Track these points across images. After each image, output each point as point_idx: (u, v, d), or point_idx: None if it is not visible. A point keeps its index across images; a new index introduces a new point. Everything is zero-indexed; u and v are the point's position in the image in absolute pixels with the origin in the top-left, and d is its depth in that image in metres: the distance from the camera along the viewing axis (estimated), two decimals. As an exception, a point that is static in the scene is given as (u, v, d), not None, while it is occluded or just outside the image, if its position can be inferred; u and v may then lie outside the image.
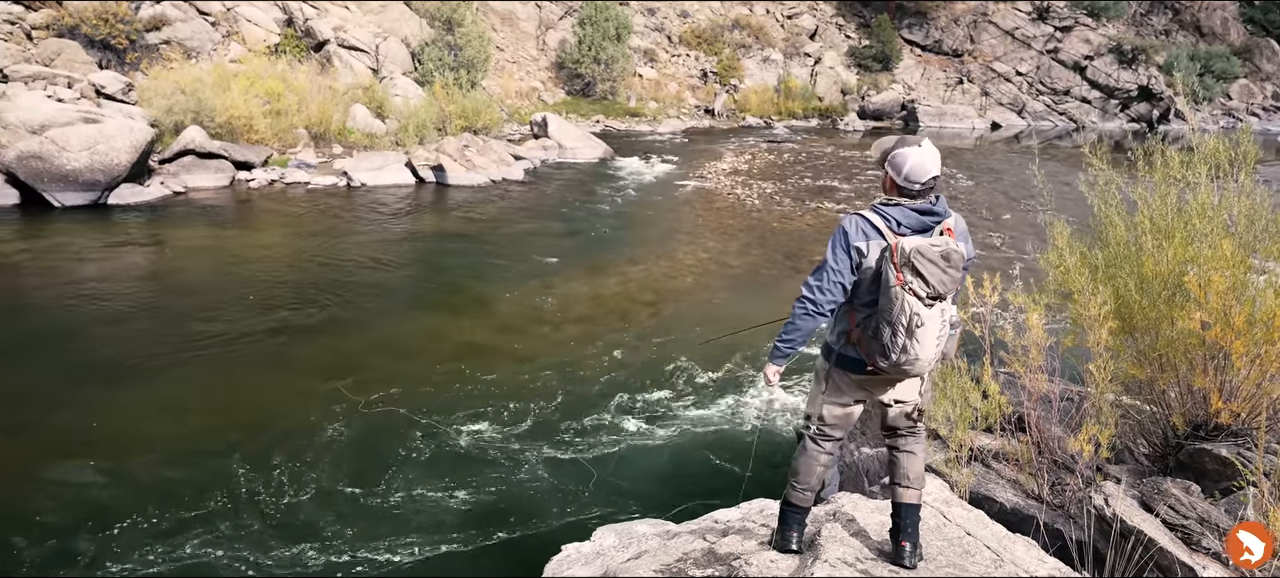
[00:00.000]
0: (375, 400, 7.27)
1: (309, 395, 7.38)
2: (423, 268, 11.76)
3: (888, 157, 3.06)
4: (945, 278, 2.87)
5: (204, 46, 20.75)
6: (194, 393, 7.37)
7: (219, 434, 6.60)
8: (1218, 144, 4.61)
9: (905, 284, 2.86)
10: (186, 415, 6.95)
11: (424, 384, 7.67)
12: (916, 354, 2.91)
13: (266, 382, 7.73)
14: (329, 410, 7.02)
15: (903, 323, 2.87)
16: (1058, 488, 4.24)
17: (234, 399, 7.32)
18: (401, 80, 22.19)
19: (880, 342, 2.96)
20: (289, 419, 6.87)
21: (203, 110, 16.34)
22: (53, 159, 13.06)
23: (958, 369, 4.52)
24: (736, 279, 11.77)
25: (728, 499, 4.94)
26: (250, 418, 6.95)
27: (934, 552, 3.32)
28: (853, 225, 3.03)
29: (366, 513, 5.66)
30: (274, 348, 8.46)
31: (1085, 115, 36.58)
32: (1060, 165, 21.20)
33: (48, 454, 6.25)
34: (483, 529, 5.56)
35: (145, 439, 6.55)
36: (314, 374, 7.88)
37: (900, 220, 2.98)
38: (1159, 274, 4.45)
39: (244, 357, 8.21)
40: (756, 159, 23.03)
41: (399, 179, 17.13)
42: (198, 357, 8.12)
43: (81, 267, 10.79)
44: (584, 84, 29.22)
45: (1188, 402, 4.38)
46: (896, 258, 2.88)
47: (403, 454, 6.41)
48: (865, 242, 2.99)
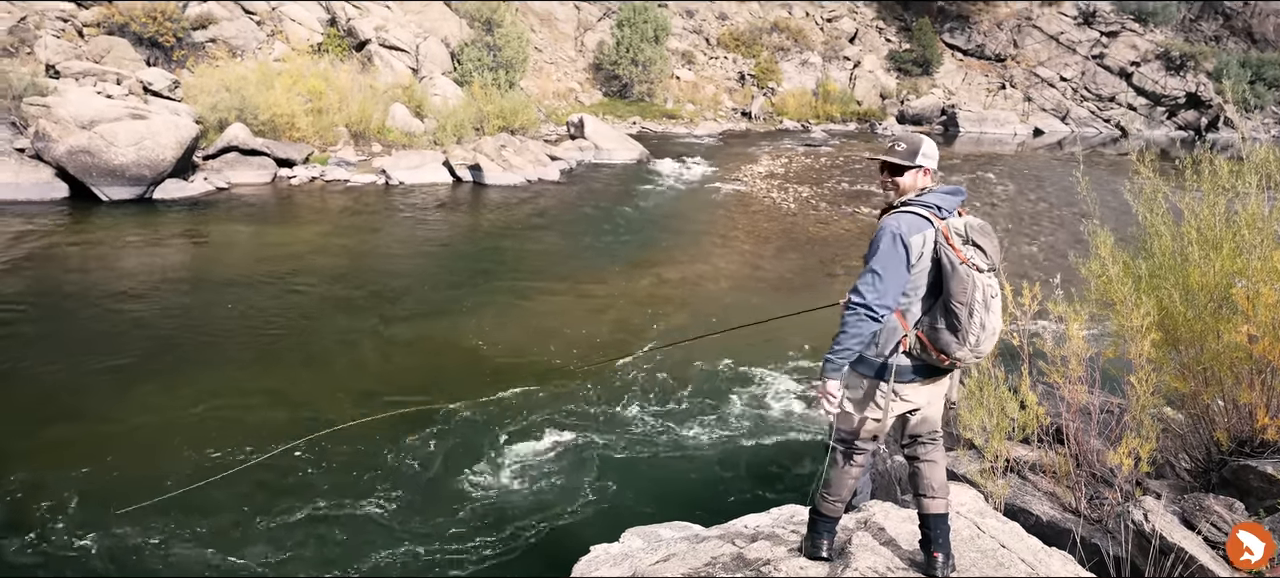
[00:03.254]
0: (409, 400, 7.35)
1: (344, 391, 7.48)
2: (458, 266, 11.85)
3: (918, 152, 3.12)
4: (995, 246, 2.96)
5: (249, 45, 21.14)
6: (231, 386, 7.50)
7: (252, 428, 6.71)
8: (1269, 153, 4.49)
9: (969, 262, 2.89)
10: (222, 408, 7.07)
11: (456, 383, 7.73)
12: (993, 327, 2.93)
13: (301, 378, 7.84)
14: (363, 407, 7.10)
15: (979, 300, 2.89)
16: (1096, 502, 4.15)
17: (269, 394, 7.44)
18: (440, 80, 22.42)
19: (953, 329, 2.94)
20: (324, 415, 6.96)
21: (246, 108, 16.65)
22: (101, 154, 13.39)
23: (995, 379, 4.44)
24: (772, 283, 11.71)
25: (757, 505, 4.90)
26: (284, 414, 7.06)
27: (967, 564, 3.27)
28: (901, 222, 3.00)
29: (396, 511, 5.72)
30: (311, 344, 8.59)
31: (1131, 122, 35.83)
32: (1104, 173, 20.79)
33: (83, 442, 6.40)
34: (512, 529, 5.59)
35: (180, 431, 6.66)
36: (349, 370, 7.98)
37: (940, 205, 3.02)
38: (1205, 286, 4.34)
39: (281, 352, 8.35)
40: (793, 163, 22.90)
41: (436, 178, 17.30)
42: (237, 350, 8.28)
43: (126, 259, 11.05)
44: (621, 85, 29.28)
45: (1232, 417, 4.27)
46: (953, 239, 2.91)
47: (434, 453, 6.47)
48: (918, 235, 2.98)
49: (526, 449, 6.60)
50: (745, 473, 6.47)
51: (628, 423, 7.14)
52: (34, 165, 13.43)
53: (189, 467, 6.07)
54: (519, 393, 7.56)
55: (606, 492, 6.09)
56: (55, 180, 13.44)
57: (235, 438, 6.51)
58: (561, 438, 6.81)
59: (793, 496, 5.08)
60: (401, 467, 6.23)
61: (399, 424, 6.85)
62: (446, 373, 7.98)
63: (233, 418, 6.89)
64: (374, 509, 5.69)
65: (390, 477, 6.09)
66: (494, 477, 6.19)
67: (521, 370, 8.03)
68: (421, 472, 6.17)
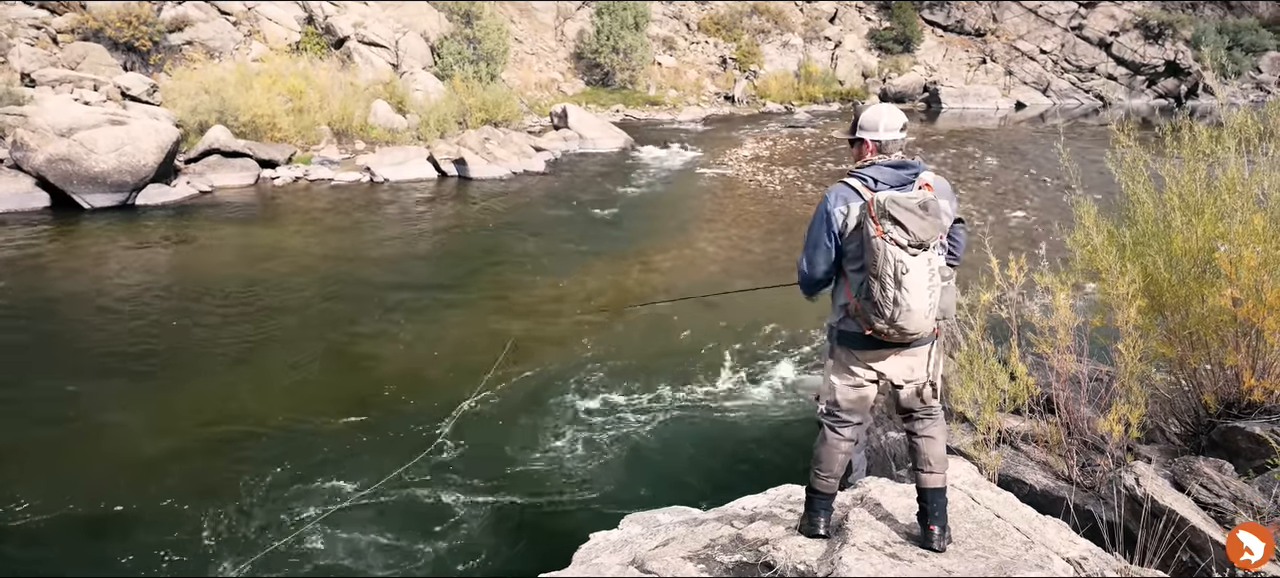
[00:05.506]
0: (404, 397, 7.35)
1: (336, 391, 7.48)
2: (446, 261, 11.83)
3: (858, 124, 3.21)
4: (925, 225, 2.91)
5: (226, 46, 20.95)
6: (216, 393, 7.46)
7: (240, 432, 6.69)
8: (1247, 117, 4.54)
9: (886, 235, 2.91)
10: (207, 415, 7.02)
11: (448, 377, 7.73)
12: (908, 304, 2.92)
13: (291, 380, 7.80)
14: (355, 405, 7.10)
15: (889, 274, 2.92)
16: (1087, 469, 4.20)
17: (258, 398, 7.39)
18: (421, 75, 22.30)
19: (872, 300, 2.99)
20: (315, 416, 6.94)
21: (226, 110, 16.52)
22: (81, 161, 13.26)
23: (984, 351, 4.49)
24: (760, 266, 11.74)
25: (753, 486, 4.94)
26: (274, 417, 6.99)
27: (963, 534, 3.31)
28: (833, 193, 3.14)
29: (395, 506, 5.73)
30: (301, 346, 8.56)
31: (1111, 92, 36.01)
32: (1086, 143, 20.90)
33: (64, 450, 6.38)
34: (512, 519, 5.62)
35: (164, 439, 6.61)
36: (341, 370, 7.97)
37: (877, 177, 3.07)
38: (1188, 251, 4.39)
39: (270, 356, 8.30)
40: (777, 145, 22.92)
41: (421, 173, 17.23)
42: (222, 356, 8.22)
43: (109, 267, 10.97)
44: (603, 74, 29.19)
45: (1219, 380, 4.33)
46: (873, 211, 2.95)
47: (430, 447, 6.47)
48: (845, 205, 3.08)
49: (521, 440, 6.62)
50: (741, 455, 6.51)
51: (621, 411, 7.16)
52: (13, 175, 13.30)
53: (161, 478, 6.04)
54: (511, 385, 7.56)
55: (604, 480, 6.11)
56: (35, 190, 13.30)
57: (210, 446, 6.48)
58: (557, 428, 6.83)
59: (789, 476, 5.11)
60: (392, 463, 6.22)
61: (389, 421, 6.85)
62: (435, 369, 7.97)
63: (212, 426, 6.85)
64: (367, 505, 5.70)
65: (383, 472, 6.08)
66: (491, 469, 6.21)
67: (513, 363, 8.04)
68: (413, 466, 6.17)
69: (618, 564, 3.60)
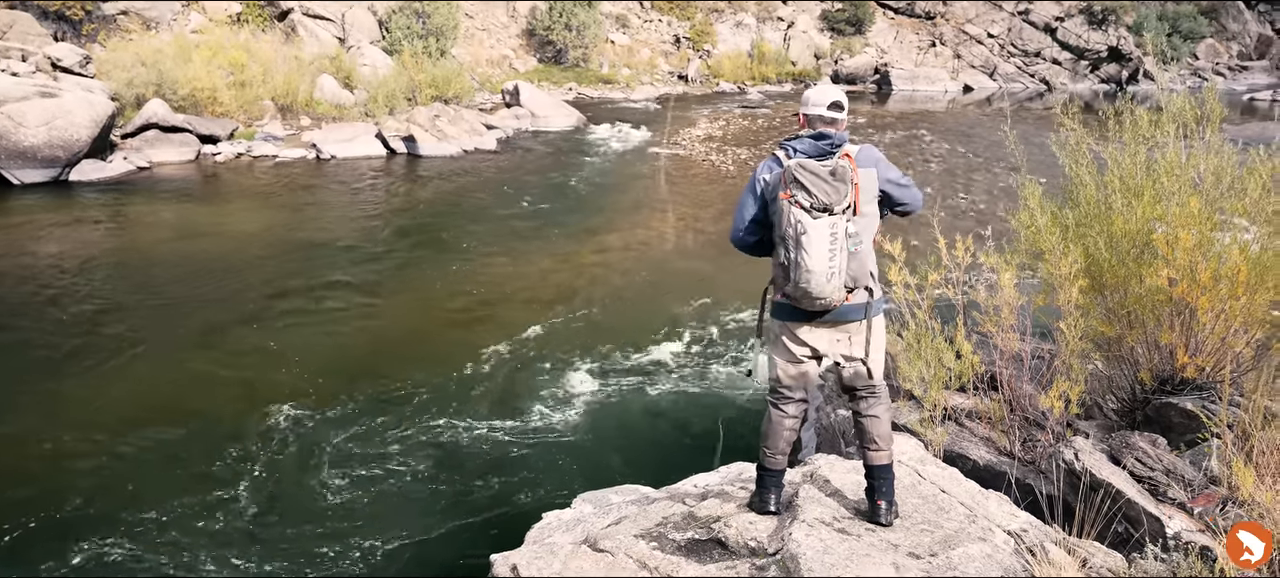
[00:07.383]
0: (349, 384, 7.22)
1: (279, 381, 7.30)
2: (395, 242, 11.63)
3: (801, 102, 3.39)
4: (829, 189, 3.03)
5: (163, 17, 20.25)
6: (153, 382, 7.23)
7: (182, 424, 6.47)
8: (1185, 103, 4.66)
9: (791, 199, 3.06)
10: (146, 405, 6.78)
11: (398, 363, 7.62)
12: (808, 266, 3.01)
13: (234, 368, 7.55)
14: (299, 395, 6.96)
15: (791, 236, 3.06)
16: (1029, 444, 4.31)
17: (198, 387, 7.15)
18: (369, 49, 21.82)
19: (781, 264, 3.16)
20: (258, 407, 6.70)
21: (165, 83, 15.98)
22: (9, 135, 12.73)
23: (931, 330, 4.56)
24: (712, 244, 11.77)
25: (705, 465, 4.97)
26: (217, 408, 6.75)
27: (909, 509, 3.37)
28: (763, 163, 3.35)
29: (344, 500, 5.63)
30: (242, 332, 8.34)
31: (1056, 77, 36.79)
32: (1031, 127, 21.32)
33: None
34: (464, 501, 5.57)
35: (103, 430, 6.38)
36: (283, 359, 7.76)
37: (797, 147, 3.23)
38: (1128, 232, 4.50)
39: (211, 341, 8.06)
40: (731, 125, 22.97)
41: (369, 150, 16.89)
42: (160, 342, 7.95)
43: (39, 246, 10.57)
44: (556, 51, 28.89)
45: (1155, 357, 4.46)
46: (785, 177, 3.11)
47: (380, 437, 6.38)
48: (769, 172, 3.27)
49: (473, 426, 6.56)
50: (693, 434, 6.55)
51: (573, 391, 7.14)
52: (-64, 149, 12.72)
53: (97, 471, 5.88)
54: (462, 370, 7.49)
55: (556, 460, 6.10)
56: (-39, 164, 12.75)
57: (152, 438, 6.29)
58: (507, 412, 6.79)
59: (741, 454, 5.16)
60: (340, 456, 6.12)
61: (335, 411, 6.74)
62: (383, 355, 7.85)
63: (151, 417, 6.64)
64: (314, 501, 5.59)
65: (331, 465, 5.99)
66: (441, 452, 6.15)
67: (464, 346, 7.96)
68: (362, 459, 6.08)
69: (570, 543, 3.59)
